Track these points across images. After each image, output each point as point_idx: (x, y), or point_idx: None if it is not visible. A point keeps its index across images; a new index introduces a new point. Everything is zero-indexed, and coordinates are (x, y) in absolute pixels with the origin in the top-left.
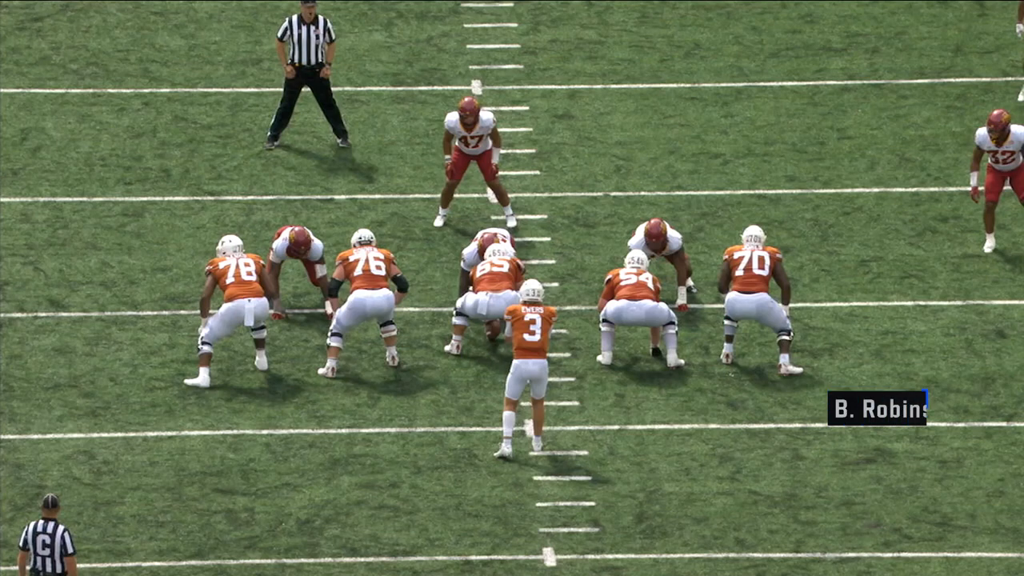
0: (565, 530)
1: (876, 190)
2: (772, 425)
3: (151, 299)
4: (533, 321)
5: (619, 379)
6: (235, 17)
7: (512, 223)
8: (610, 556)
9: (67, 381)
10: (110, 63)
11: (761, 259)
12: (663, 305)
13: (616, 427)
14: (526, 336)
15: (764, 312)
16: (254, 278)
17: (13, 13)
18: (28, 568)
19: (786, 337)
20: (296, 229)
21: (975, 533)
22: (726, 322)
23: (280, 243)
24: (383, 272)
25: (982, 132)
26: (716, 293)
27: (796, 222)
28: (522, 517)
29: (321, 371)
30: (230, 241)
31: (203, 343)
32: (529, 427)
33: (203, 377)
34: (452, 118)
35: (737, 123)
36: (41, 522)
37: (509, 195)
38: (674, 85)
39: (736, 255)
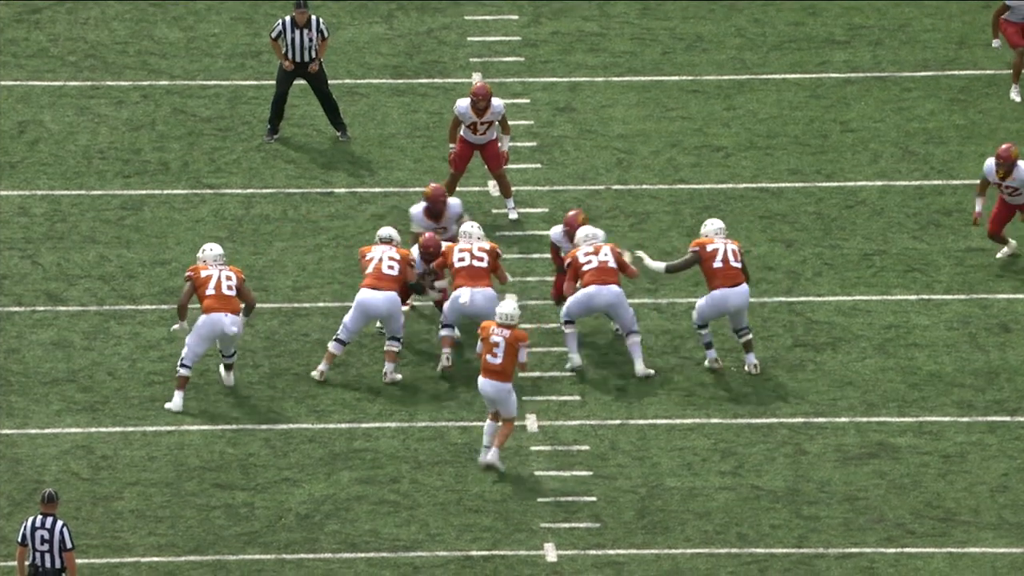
0: (566, 525)
1: (879, 183)
2: (774, 420)
3: (150, 293)
4: (497, 344)
5: (620, 373)
6: (234, 9)
7: (514, 215)
8: (611, 551)
9: (65, 375)
10: (108, 55)
11: (735, 252)
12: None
13: (618, 422)
14: (489, 357)
15: (744, 304)
16: (234, 293)
17: (11, 5)
18: (27, 563)
19: (751, 336)
20: (432, 185)
21: (979, 528)
22: (702, 331)
23: (461, 103)
24: (395, 272)
25: (990, 164)
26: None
27: (799, 215)
28: (523, 512)
29: (312, 372)
30: (211, 250)
31: (182, 365)
32: (531, 421)
33: (177, 401)
34: (463, 104)
35: (739, 116)
36: (39, 517)
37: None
38: (676, 78)
39: (709, 248)
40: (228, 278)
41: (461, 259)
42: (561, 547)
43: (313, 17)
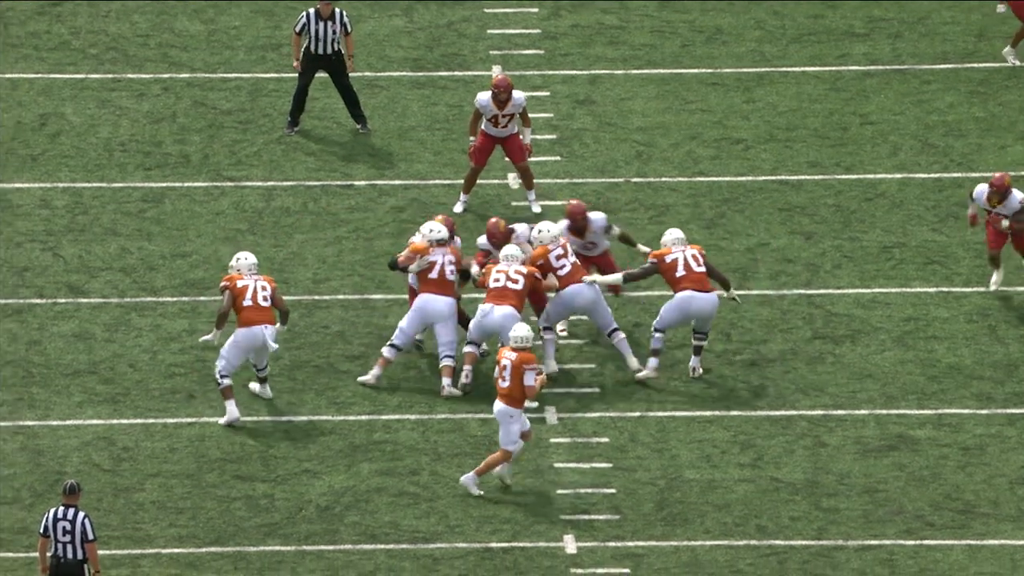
0: (586, 517)
1: (899, 176)
2: (794, 412)
3: (171, 285)
4: (505, 368)
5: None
6: (254, 3)
7: (536, 208)
8: (631, 543)
9: (86, 367)
10: (130, 48)
11: (695, 257)
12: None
13: (637, 414)
14: (499, 381)
15: (713, 310)
16: (269, 304)
17: None
18: (49, 554)
19: (704, 343)
20: (571, 202)
21: (998, 520)
22: (656, 334)
23: (482, 96)
24: (455, 277)
25: (981, 190)
26: (736, 278)
27: (818, 208)
28: (542, 504)
29: (364, 377)
30: (245, 259)
31: (222, 376)
32: (550, 413)
33: (232, 410)
34: (484, 96)
35: (759, 108)
36: (61, 508)
37: None
38: (695, 70)
39: (668, 259)
40: (263, 288)
41: (496, 280)
42: (580, 539)
43: (336, 10)
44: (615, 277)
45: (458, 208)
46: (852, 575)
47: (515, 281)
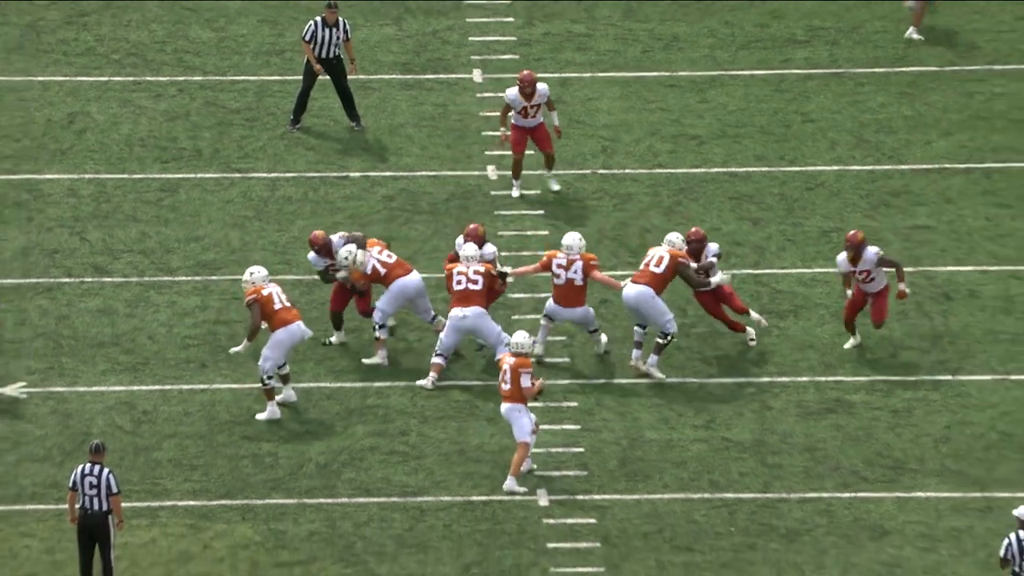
0: (557, 473)
1: (836, 168)
2: (743, 379)
3: (185, 266)
4: (506, 372)
5: (605, 337)
6: (260, 12)
7: (515, 193)
8: (597, 497)
9: (110, 340)
10: (148, 53)
11: (661, 258)
12: (589, 310)
13: (602, 381)
14: (502, 384)
15: (641, 303)
16: (290, 304)
17: (61, 9)
18: (77, 506)
19: (660, 340)
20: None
21: (924, 475)
22: (635, 327)
23: (511, 91)
24: (395, 258)
25: (842, 256)
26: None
27: (764, 197)
28: None
29: (367, 360)
30: (259, 271)
31: (268, 378)
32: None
33: (274, 409)
34: (512, 92)
35: (712, 108)
36: (88, 465)
37: (506, 173)
38: (655, 74)
39: (649, 252)
40: (281, 293)
41: (458, 282)
42: (552, 492)
43: (340, 18)
44: (619, 283)
45: (515, 193)
46: (794, 524)
47: (475, 282)
